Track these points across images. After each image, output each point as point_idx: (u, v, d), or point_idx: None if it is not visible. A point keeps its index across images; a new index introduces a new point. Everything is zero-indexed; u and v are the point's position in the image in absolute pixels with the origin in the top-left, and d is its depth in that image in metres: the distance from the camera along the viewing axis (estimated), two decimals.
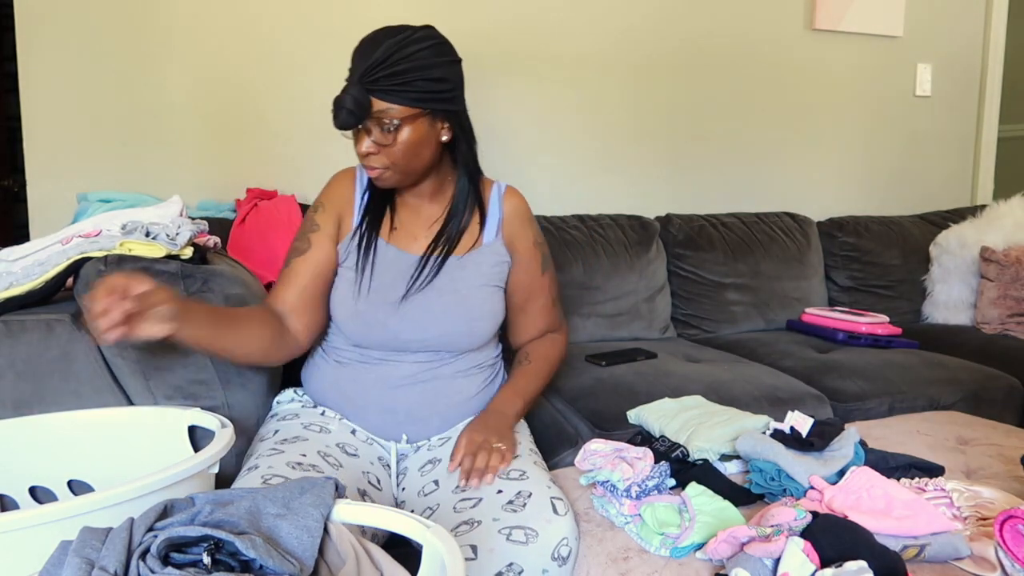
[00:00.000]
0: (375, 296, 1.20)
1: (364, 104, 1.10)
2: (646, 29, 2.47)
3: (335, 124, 1.12)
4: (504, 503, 1.01)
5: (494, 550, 0.94)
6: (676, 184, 2.59)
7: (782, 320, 2.35)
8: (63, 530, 0.77)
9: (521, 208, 1.33)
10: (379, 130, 1.13)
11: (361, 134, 1.15)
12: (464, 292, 1.22)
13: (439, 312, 1.20)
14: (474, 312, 1.23)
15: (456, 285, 1.22)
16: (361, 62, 1.11)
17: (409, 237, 1.26)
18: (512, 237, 1.30)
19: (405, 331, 1.20)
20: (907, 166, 2.96)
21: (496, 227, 1.29)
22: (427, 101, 1.13)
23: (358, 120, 1.11)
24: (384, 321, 1.19)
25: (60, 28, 1.90)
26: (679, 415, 1.33)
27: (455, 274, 1.23)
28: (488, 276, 1.26)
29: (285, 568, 0.63)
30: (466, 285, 1.23)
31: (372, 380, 1.22)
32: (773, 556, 0.82)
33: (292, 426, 1.19)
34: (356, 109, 1.10)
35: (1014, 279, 2.25)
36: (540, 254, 1.35)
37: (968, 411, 1.74)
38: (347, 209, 1.27)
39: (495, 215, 1.30)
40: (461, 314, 1.21)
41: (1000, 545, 0.87)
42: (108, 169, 1.98)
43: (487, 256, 1.27)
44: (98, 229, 1.25)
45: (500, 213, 1.30)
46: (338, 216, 1.27)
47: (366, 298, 1.20)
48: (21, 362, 1.16)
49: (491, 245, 1.28)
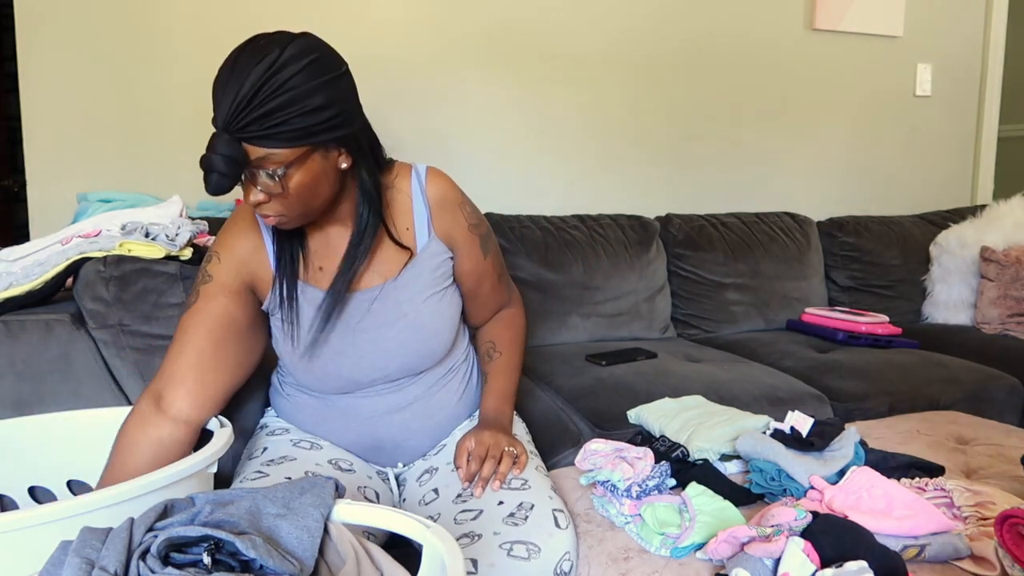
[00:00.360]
0: (320, 348, 1.09)
1: (238, 158, 0.91)
2: (646, 29, 2.47)
3: (207, 190, 0.92)
4: (505, 515, 0.99)
5: (495, 565, 0.93)
6: (676, 184, 2.59)
7: (782, 320, 2.35)
8: (62, 530, 0.76)
9: (447, 194, 1.15)
10: (265, 176, 0.94)
11: (247, 184, 0.95)
12: (412, 314, 1.11)
13: (392, 344, 1.10)
14: (427, 331, 1.12)
15: (402, 309, 1.10)
16: (224, 102, 0.89)
17: (329, 273, 1.10)
18: (447, 230, 1.15)
19: (362, 373, 1.11)
20: (907, 166, 2.96)
21: (427, 226, 1.13)
22: (312, 135, 0.94)
23: (234, 180, 0.92)
24: (336, 371, 1.10)
25: (60, 28, 1.90)
26: (679, 415, 1.33)
27: (398, 297, 1.11)
28: (432, 283, 1.14)
29: (285, 568, 0.62)
30: (412, 306, 1.11)
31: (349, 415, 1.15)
32: (773, 556, 0.82)
33: (281, 443, 1.13)
34: (229, 169, 0.90)
35: (1014, 279, 2.25)
36: (477, 236, 1.19)
37: (968, 411, 1.74)
38: (256, 256, 1.09)
39: (422, 213, 1.13)
40: (415, 338, 1.11)
41: (1000, 545, 0.87)
42: (108, 169, 1.98)
43: (424, 263, 1.13)
44: (98, 229, 1.25)
45: (426, 209, 1.13)
46: (242, 266, 1.08)
47: (308, 350, 1.08)
48: (21, 362, 1.16)
49: (426, 249, 1.13)
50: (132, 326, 1.19)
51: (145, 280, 1.20)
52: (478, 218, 1.21)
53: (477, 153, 2.33)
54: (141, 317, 1.20)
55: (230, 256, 1.08)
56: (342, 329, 1.09)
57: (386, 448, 1.17)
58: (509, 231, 2.12)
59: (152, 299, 1.20)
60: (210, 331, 1.04)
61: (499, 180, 2.36)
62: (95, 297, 1.18)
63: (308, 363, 1.09)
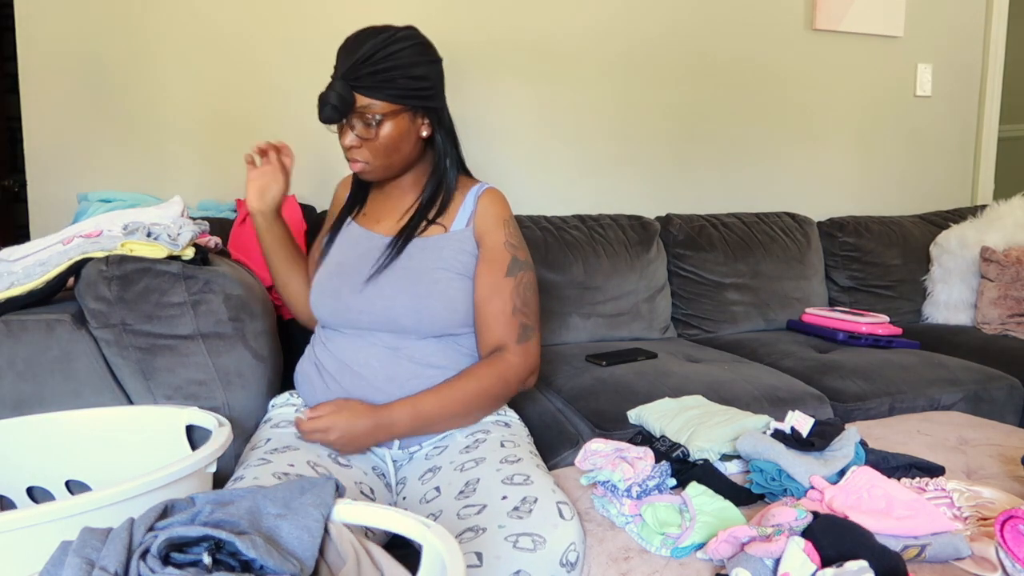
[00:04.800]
0: (339, 272, 1.26)
1: (348, 100, 1.16)
2: (646, 29, 2.47)
3: (320, 118, 1.17)
4: (509, 509, 1.00)
5: (501, 557, 0.93)
6: (676, 184, 2.60)
7: (782, 320, 2.35)
8: (61, 530, 0.77)
9: (497, 208, 1.29)
10: (362, 125, 1.19)
11: (345, 128, 1.20)
12: (417, 272, 1.22)
13: (390, 291, 1.21)
14: (422, 290, 1.20)
15: (411, 264, 1.23)
16: (346, 59, 1.16)
17: (373, 219, 1.32)
18: (482, 230, 1.27)
19: (364, 309, 1.22)
20: (907, 166, 2.96)
21: (467, 218, 1.28)
22: (408, 98, 1.19)
23: (342, 115, 1.17)
24: (337, 290, 1.24)
25: (60, 28, 1.90)
26: (679, 415, 1.33)
27: (413, 254, 1.24)
28: (447, 261, 1.23)
29: (285, 568, 0.62)
30: (421, 266, 1.23)
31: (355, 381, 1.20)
32: (774, 556, 0.82)
33: (284, 435, 1.18)
34: (340, 104, 1.16)
35: (1014, 279, 2.25)
36: (510, 256, 1.26)
37: (968, 411, 1.74)
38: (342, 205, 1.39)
39: (468, 207, 1.29)
40: (409, 292, 1.20)
41: (1001, 545, 0.87)
42: (108, 169, 1.98)
43: (450, 242, 1.26)
44: (99, 229, 1.25)
45: (473, 206, 1.29)
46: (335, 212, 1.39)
47: (334, 275, 1.26)
48: (21, 362, 1.16)
49: (457, 233, 1.27)
50: (134, 325, 1.19)
51: (147, 280, 1.21)
52: (519, 242, 1.30)
53: (477, 153, 2.33)
54: (143, 316, 1.20)
55: (333, 209, 1.44)
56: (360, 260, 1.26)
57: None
58: None
59: (154, 298, 1.20)
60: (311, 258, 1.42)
61: (499, 180, 2.36)
62: (97, 297, 1.18)
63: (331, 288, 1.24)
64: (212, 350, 1.25)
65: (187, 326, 1.23)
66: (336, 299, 1.24)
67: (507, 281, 1.25)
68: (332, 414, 1.12)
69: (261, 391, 1.31)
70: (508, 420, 1.29)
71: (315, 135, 2.11)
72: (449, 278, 1.23)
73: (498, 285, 1.24)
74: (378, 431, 1.14)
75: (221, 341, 1.25)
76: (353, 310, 1.22)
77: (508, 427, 1.26)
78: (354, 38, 1.18)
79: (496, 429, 1.24)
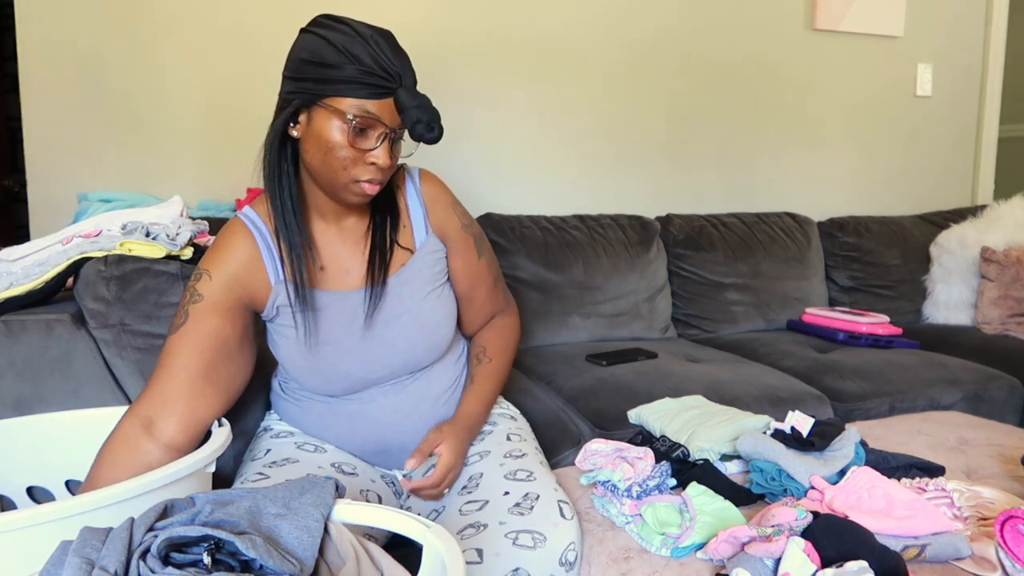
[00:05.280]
0: (326, 349, 1.09)
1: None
2: (646, 29, 2.47)
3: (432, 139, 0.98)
4: (511, 506, 1.00)
5: (500, 554, 0.93)
6: (676, 184, 2.59)
7: (782, 320, 2.35)
8: (61, 530, 0.76)
9: (441, 194, 1.19)
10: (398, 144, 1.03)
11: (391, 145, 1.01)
12: (414, 309, 1.12)
13: (398, 339, 1.11)
14: (429, 325, 1.14)
15: (405, 304, 1.12)
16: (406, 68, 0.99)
17: (340, 273, 1.12)
18: (441, 226, 1.18)
19: (368, 371, 1.11)
20: (907, 166, 2.96)
21: (423, 222, 1.17)
22: None
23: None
24: (345, 371, 1.10)
25: (60, 28, 1.90)
26: (680, 415, 1.33)
27: (400, 292, 1.13)
28: (431, 279, 1.16)
29: (285, 568, 0.62)
30: (413, 301, 1.13)
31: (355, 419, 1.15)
32: (774, 556, 0.82)
33: (285, 446, 1.13)
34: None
35: (1014, 279, 2.25)
36: (471, 236, 1.22)
37: (968, 411, 1.74)
38: (256, 276, 1.08)
39: (418, 210, 1.17)
40: (419, 332, 1.13)
41: (1001, 545, 0.87)
42: (108, 169, 1.98)
43: (424, 258, 1.16)
44: (98, 229, 1.25)
45: (422, 207, 1.17)
46: (234, 281, 1.06)
47: (317, 353, 1.09)
48: (21, 362, 1.16)
49: (423, 246, 1.16)
50: (133, 325, 1.19)
51: (146, 279, 1.20)
52: (469, 219, 1.23)
53: (477, 153, 2.33)
54: (142, 316, 1.20)
55: (221, 272, 1.06)
56: (348, 326, 1.09)
57: (393, 451, 1.17)
58: (509, 231, 2.12)
59: (153, 298, 1.20)
60: (201, 353, 1.02)
61: (499, 180, 2.36)
62: (96, 297, 1.18)
63: (315, 364, 1.09)
64: None
65: None
66: (346, 380, 1.11)
67: (481, 263, 1.24)
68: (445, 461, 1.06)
69: (262, 391, 1.30)
70: (513, 414, 1.29)
71: None
72: (438, 295, 1.16)
73: (476, 271, 1.23)
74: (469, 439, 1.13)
75: None
76: (371, 380, 1.12)
77: (515, 420, 1.27)
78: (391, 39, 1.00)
79: (503, 422, 1.24)
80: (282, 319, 1.09)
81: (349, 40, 0.96)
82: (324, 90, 0.97)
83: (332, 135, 0.98)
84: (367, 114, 0.97)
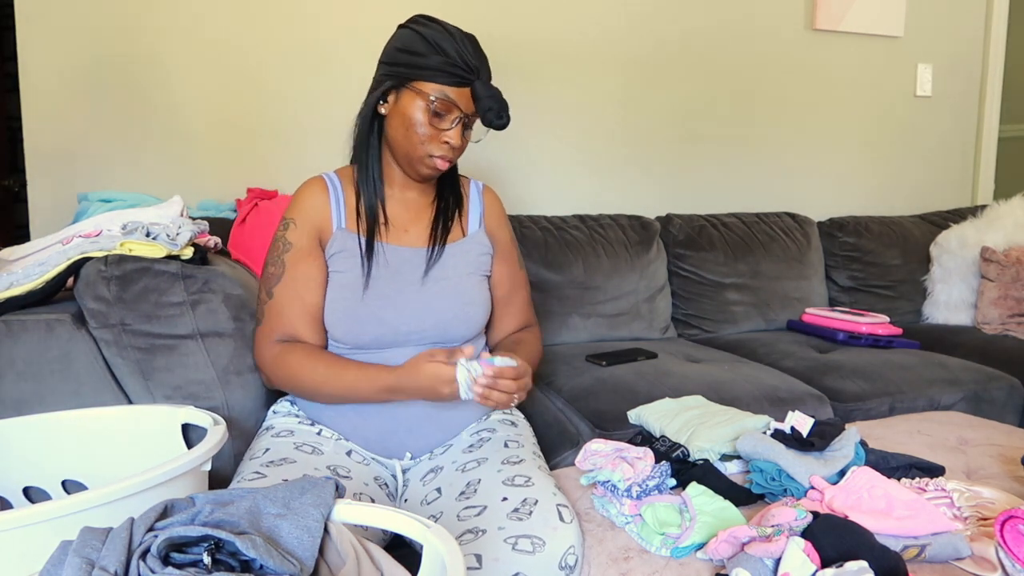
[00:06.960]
0: (375, 295, 1.19)
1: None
2: (646, 29, 2.47)
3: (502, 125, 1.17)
4: (510, 511, 1.00)
5: (499, 559, 0.93)
6: (676, 184, 2.59)
7: (782, 320, 2.35)
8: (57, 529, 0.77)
9: (498, 204, 1.38)
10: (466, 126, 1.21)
11: (463, 129, 1.20)
12: (455, 279, 1.24)
13: (433, 300, 1.21)
14: (466, 297, 1.24)
15: (447, 273, 1.24)
16: (483, 64, 1.18)
17: (399, 231, 1.27)
18: (493, 230, 1.35)
19: (401, 321, 1.19)
20: (907, 166, 2.96)
21: (479, 219, 1.33)
22: None
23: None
24: (381, 316, 1.18)
25: (60, 28, 1.90)
26: (680, 415, 1.33)
27: (445, 262, 1.25)
28: (475, 265, 1.28)
29: (285, 568, 0.62)
30: (456, 273, 1.25)
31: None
32: (774, 556, 0.82)
33: (283, 445, 1.15)
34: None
35: (1015, 279, 2.25)
36: (516, 249, 1.40)
37: (968, 411, 1.74)
38: (324, 219, 1.23)
39: (476, 207, 1.34)
40: (455, 300, 1.22)
41: (1001, 545, 0.87)
42: (108, 169, 1.98)
43: (472, 245, 1.30)
44: (98, 229, 1.25)
45: (481, 206, 1.35)
46: (314, 229, 1.22)
47: (369, 299, 1.18)
48: (21, 362, 1.16)
49: (474, 235, 1.31)
50: (133, 325, 1.19)
51: (146, 279, 1.20)
52: (515, 240, 1.41)
53: (477, 154, 2.33)
54: (142, 316, 1.20)
55: (303, 218, 1.23)
56: (394, 277, 1.21)
57: (398, 434, 1.19)
58: None
59: (153, 298, 1.20)
60: (307, 293, 1.19)
61: (499, 180, 2.36)
62: (96, 296, 1.18)
63: (356, 308, 1.18)
64: (211, 350, 1.25)
65: (186, 326, 1.23)
66: (380, 324, 1.18)
67: (521, 273, 1.40)
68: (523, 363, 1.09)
69: (260, 391, 1.31)
70: (514, 419, 1.29)
71: (317, 134, 2.11)
72: (478, 280, 1.28)
73: (517, 277, 1.38)
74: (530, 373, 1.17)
75: (220, 341, 1.25)
76: (402, 332, 1.19)
77: (515, 426, 1.26)
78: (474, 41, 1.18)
79: (502, 428, 1.24)
80: (334, 265, 1.22)
81: (439, 35, 1.15)
82: (412, 74, 1.15)
83: (415, 113, 1.16)
84: (447, 98, 1.15)
